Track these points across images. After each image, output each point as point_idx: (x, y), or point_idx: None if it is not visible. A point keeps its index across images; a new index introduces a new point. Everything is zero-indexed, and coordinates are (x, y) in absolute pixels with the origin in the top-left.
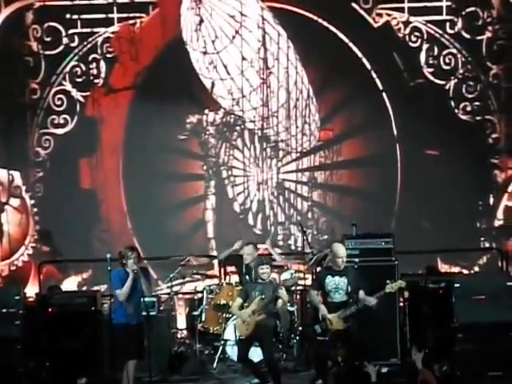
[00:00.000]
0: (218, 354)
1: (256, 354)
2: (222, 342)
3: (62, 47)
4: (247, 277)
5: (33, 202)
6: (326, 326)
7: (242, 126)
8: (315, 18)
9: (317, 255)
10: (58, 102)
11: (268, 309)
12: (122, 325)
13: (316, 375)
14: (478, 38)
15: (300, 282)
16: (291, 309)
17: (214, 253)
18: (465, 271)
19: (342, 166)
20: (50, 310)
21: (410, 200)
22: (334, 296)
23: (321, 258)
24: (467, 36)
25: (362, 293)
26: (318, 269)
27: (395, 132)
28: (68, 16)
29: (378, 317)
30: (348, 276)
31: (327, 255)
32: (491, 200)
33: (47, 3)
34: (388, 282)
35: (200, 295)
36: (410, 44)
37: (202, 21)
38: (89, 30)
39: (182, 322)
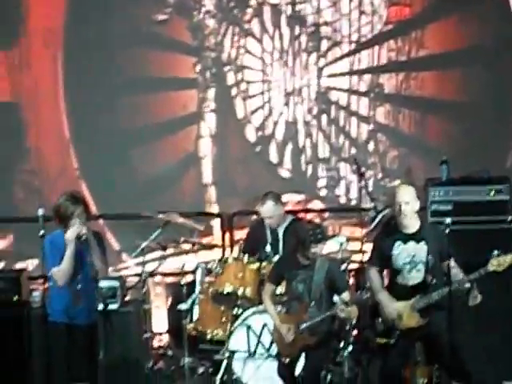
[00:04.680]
0: (221, 375)
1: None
2: (227, 355)
3: None
4: (269, 248)
5: None
6: (392, 322)
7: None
8: None
9: (383, 212)
10: None
11: (322, 322)
12: (61, 326)
13: None
14: None
15: (355, 257)
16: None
17: (214, 208)
18: None
19: (425, 65)
20: None
21: None
22: (409, 275)
23: (389, 218)
24: None
25: (453, 264)
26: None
27: None
28: None
29: (484, 316)
30: (429, 240)
31: None
32: None
33: None
34: (494, 253)
35: (191, 278)
36: None
37: None
38: None
39: (160, 322)
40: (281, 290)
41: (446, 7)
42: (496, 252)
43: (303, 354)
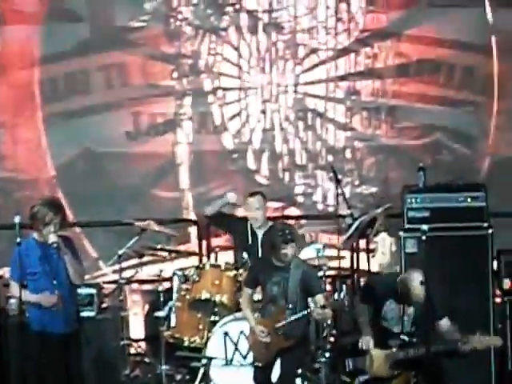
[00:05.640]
0: (198, 382)
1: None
2: (204, 362)
3: None
4: (246, 255)
5: None
6: (363, 363)
7: (238, 6)
8: None
9: (360, 219)
10: None
11: (297, 323)
12: (37, 334)
13: None
14: None
15: (332, 263)
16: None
17: (191, 215)
18: None
19: (401, 71)
20: None
21: None
22: (395, 326)
23: (365, 225)
24: None
25: (447, 324)
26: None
27: (489, 17)
28: None
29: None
30: (420, 304)
31: (376, 219)
32: None
33: None
34: (478, 332)
35: (168, 285)
36: None
37: None
38: None
39: (137, 329)
40: (259, 296)
41: (422, 15)
42: (479, 331)
43: (278, 361)
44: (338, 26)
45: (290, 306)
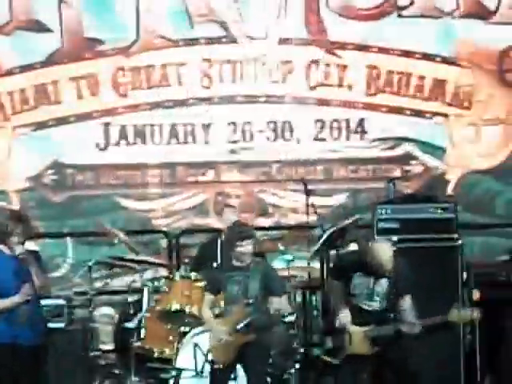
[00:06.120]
0: None
1: None
2: (174, 373)
3: None
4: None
5: None
6: (342, 340)
7: (209, 18)
8: None
9: (329, 230)
10: None
11: (258, 318)
12: (5, 347)
13: None
14: None
15: (302, 274)
16: (288, 319)
17: (161, 226)
18: None
19: (371, 82)
20: None
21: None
22: (362, 300)
23: (336, 236)
24: None
25: (408, 302)
26: (351, 248)
27: (459, 29)
28: None
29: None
30: (392, 275)
31: (346, 229)
32: None
33: None
34: (456, 305)
35: (137, 296)
36: None
37: None
38: None
39: (107, 341)
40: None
41: (392, 26)
42: (457, 304)
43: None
44: (309, 37)
45: (251, 301)
